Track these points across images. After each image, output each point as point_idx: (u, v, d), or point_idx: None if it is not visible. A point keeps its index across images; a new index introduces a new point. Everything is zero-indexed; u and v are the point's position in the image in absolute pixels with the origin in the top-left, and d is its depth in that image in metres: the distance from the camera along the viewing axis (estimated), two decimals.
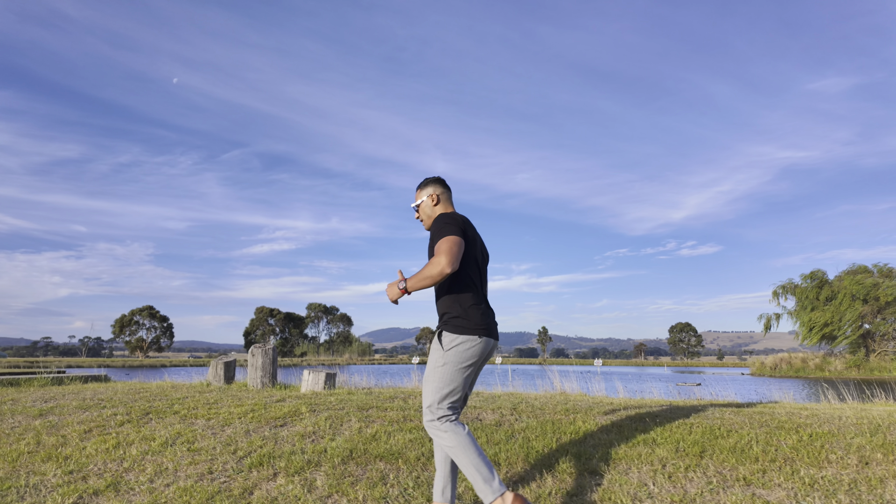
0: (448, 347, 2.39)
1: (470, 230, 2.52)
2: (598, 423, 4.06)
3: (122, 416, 4.59)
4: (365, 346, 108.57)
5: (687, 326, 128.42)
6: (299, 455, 3.47)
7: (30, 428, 4.35)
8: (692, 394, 8.04)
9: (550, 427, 3.94)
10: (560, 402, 5.20)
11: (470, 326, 2.39)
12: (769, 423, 3.96)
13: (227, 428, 4.16)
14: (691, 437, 3.61)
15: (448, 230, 2.38)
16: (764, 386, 24.31)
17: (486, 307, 2.51)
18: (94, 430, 4.23)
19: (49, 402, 5.26)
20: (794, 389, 17.86)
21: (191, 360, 68.87)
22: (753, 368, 49.22)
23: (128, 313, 78.11)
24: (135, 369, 51.33)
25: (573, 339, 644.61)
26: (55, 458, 3.61)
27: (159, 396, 5.54)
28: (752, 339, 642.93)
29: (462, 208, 2.85)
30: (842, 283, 44.06)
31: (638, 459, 3.25)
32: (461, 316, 2.40)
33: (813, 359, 44.30)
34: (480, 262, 2.55)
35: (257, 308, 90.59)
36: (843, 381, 33.67)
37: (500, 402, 5.14)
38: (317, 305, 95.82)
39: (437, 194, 2.66)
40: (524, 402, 5.22)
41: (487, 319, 2.45)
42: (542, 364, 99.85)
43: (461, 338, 2.38)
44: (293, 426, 4.18)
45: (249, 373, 6.48)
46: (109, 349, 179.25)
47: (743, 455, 3.25)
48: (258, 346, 6.51)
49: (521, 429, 3.93)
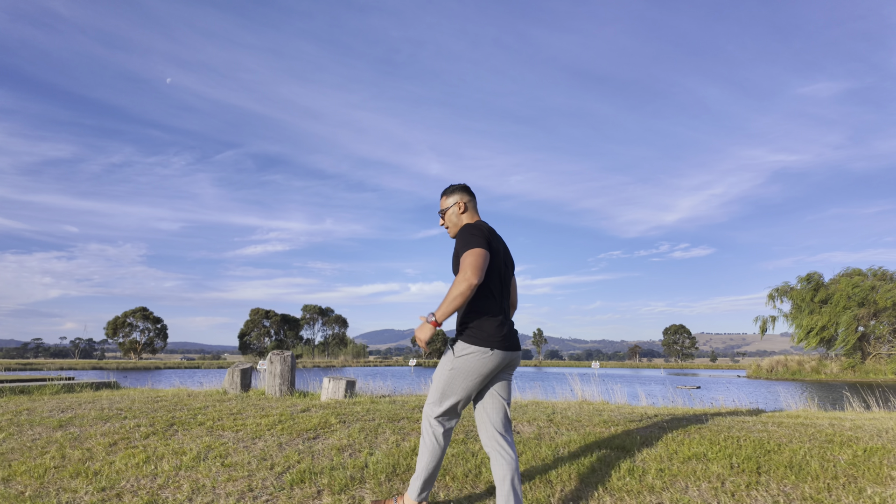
0: (458, 355, 2.42)
1: (494, 241, 2.52)
2: (641, 436, 3.97)
3: (146, 428, 4.45)
4: (359, 347, 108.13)
5: (681, 328, 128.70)
6: (340, 471, 3.35)
7: (52, 440, 4.20)
8: (689, 397, 7.97)
9: (594, 441, 3.84)
10: (592, 412, 5.11)
11: (482, 337, 2.40)
12: (817, 437, 3.88)
13: (258, 441, 4.04)
14: (742, 451, 3.52)
15: (473, 242, 2.38)
16: (765, 389, 24.31)
17: (504, 318, 2.50)
18: (119, 442, 4.09)
19: (67, 412, 5.11)
20: (801, 394, 17.83)
21: (185, 363, 68.37)
22: (749, 371, 49.36)
23: (121, 315, 77.43)
24: (129, 371, 50.84)
25: (567, 341, 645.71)
26: (84, 474, 3.47)
27: (179, 406, 5.40)
28: (744, 341, 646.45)
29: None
30: (838, 285, 44.28)
31: (693, 476, 3.15)
32: (475, 326, 2.42)
33: (809, 361, 44.48)
34: (503, 272, 2.55)
35: (252, 310, 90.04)
36: (841, 383, 33.80)
37: (533, 413, 5.03)
38: (312, 307, 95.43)
39: (465, 202, 2.67)
40: (556, 412, 5.11)
41: (503, 331, 2.45)
42: (537, 366, 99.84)
43: (472, 348, 2.40)
44: (326, 439, 4.05)
45: (267, 380, 6.35)
46: (101, 350, 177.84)
47: (802, 472, 3.16)
48: (276, 353, 6.38)
49: (564, 443, 3.82)
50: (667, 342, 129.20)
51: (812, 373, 42.82)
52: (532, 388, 8.39)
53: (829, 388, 26.73)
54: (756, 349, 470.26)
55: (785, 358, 46.54)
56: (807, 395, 7.82)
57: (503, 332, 2.44)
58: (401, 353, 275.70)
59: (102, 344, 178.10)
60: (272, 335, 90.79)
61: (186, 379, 36.20)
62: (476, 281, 2.29)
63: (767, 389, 24.89)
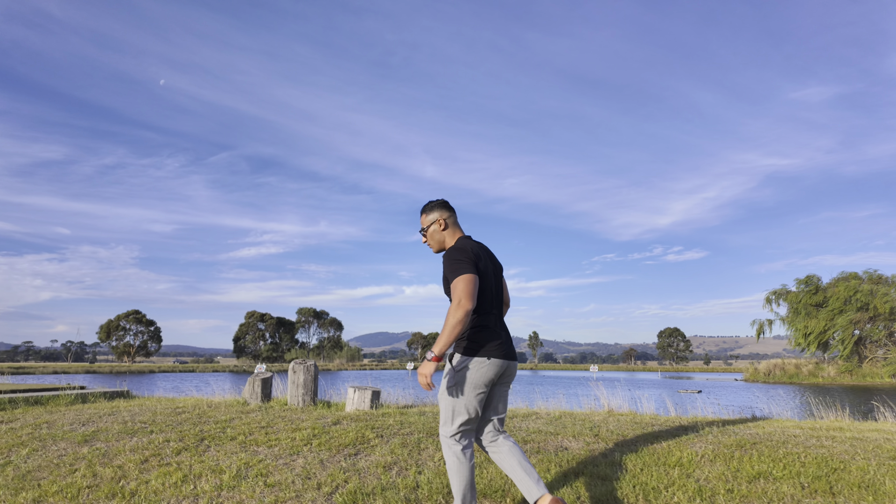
0: (458, 368, 2.45)
1: (482, 259, 2.54)
2: (694, 451, 3.84)
3: (176, 443, 4.28)
4: (354, 350, 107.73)
5: (675, 331, 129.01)
6: (393, 492, 3.20)
7: (79, 457, 4.02)
8: (714, 404, 7.86)
9: (651, 458, 3.70)
10: (632, 424, 4.97)
11: (477, 349, 2.44)
12: (878, 452, 3.77)
13: (297, 457, 3.88)
14: (808, 470, 3.39)
15: (461, 268, 2.41)
16: (769, 394, 24.29)
17: (498, 328, 2.54)
18: (150, 459, 3.92)
19: (88, 426, 4.92)
20: (811, 399, 17.79)
21: (179, 367, 67.82)
22: (747, 374, 49.44)
23: (114, 318, 76.77)
24: (123, 375, 50.35)
25: (561, 344, 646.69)
26: (120, 495, 3.30)
27: (203, 418, 5.23)
28: (737, 344, 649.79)
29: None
30: (835, 289, 44.45)
31: (765, 498, 3.02)
32: (469, 339, 2.46)
33: (806, 365, 44.59)
34: (493, 284, 2.58)
35: (248, 313, 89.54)
36: (838, 387, 33.90)
37: (573, 427, 4.89)
38: (307, 310, 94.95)
39: (444, 219, 2.69)
40: (596, 425, 4.98)
41: (500, 341, 2.50)
42: (533, 369, 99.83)
43: (468, 359, 2.44)
44: (368, 455, 3.90)
45: (290, 390, 6.18)
46: (93, 354, 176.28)
47: (878, 492, 3.04)
48: (299, 361, 6.21)
49: (618, 461, 3.69)
50: (661, 345, 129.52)
51: (809, 376, 42.92)
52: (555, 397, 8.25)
53: (830, 392, 26.76)
54: (749, 352, 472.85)
55: (782, 361, 46.64)
56: (835, 402, 7.72)
57: (498, 341, 2.49)
58: (395, 355, 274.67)
59: (94, 347, 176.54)
60: (267, 338, 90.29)
61: (182, 383, 35.58)
62: (471, 306, 2.33)
63: (771, 394, 24.88)
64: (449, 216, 2.70)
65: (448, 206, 2.73)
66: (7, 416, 5.29)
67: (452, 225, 2.70)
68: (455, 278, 2.39)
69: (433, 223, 2.68)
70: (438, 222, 2.68)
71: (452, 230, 2.69)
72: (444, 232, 2.68)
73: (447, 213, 2.70)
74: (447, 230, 2.68)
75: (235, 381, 37.87)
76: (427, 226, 2.70)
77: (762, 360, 50.45)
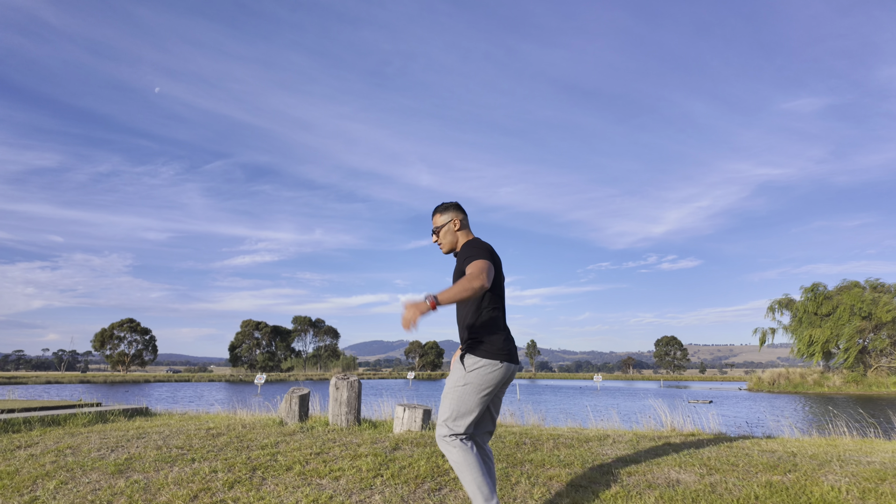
0: (470, 369, 2.44)
1: (496, 257, 2.57)
2: (835, 488, 3.34)
3: (225, 474, 3.75)
4: (349, 359, 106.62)
5: (673, 340, 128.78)
6: None
7: (116, 491, 3.48)
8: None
9: (787, 496, 3.21)
10: (730, 449, 4.48)
11: (493, 351, 2.45)
12: None
13: (373, 493, 3.36)
14: None
15: (479, 254, 2.44)
16: (786, 406, 23.82)
17: (509, 333, 2.57)
18: (201, 495, 3.39)
19: (118, 451, 4.38)
20: (847, 411, 17.29)
21: (175, 376, 66.79)
22: (751, 384, 49.05)
23: (108, 327, 75.62)
24: (118, 385, 49.33)
25: (556, 352, 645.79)
26: None
27: (244, 442, 4.69)
28: (731, 353, 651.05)
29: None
30: (839, 297, 44.21)
31: None
32: (486, 341, 2.46)
33: (811, 374, 44.26)
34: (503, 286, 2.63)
35: (243, 321, 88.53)
36: (844, 397, 33.51)
37: (676, 456, 4.39)
38: (303, 318, 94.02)
39: (459, 220, 2.71)
40: (696, 452, 4.48)
41: (510, 345, 2.53)
42: (532, 378, 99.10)
43: (483, 361, 2.44)
44: (456, 491, 3.38)
45: (332, 408, 5.65)
46: (84, 363, 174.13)
47: None
48: (342, 377, 5.69)
49: (746, 497, 3.19)
50: (658, 354, 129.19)
51: (815, 386, 42.58)
52: (606, 414, 7.73)
53: (843, 402, 26.35)
54: (744, 360, 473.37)
55: (786, 371, 46.30)
56: (878, 416, 7.25)
57: (510, 346, 2.52)
58: (390, 364, 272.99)
59: (86, 356, 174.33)
60: (263, 347, 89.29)
61: (178, 392, 34.81)
62: (487, 285, 2.30)
63: (787, 405, 24.46)
64: (463, 218, 2.73)
65: (462, 208, 2.75)
66: (25, 440, 4.74)
67: (466, 227, 2.72)
68: (472, 261, 2.39)
69: (448, 223, 2.69)
70: (454, 222, 2.69)
71: (465, 232, 2.71)
72: (458, 232, 2.69)
73: (462, 214, 2.73)
74: (460, 231, 2.70)
75: (234, 391, 37.08)
76: (441, 225, 2.70)
77: (765, 369, 50.06)
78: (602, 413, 7.03)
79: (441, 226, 2.70)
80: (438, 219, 2.73)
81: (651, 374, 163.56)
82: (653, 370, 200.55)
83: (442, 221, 2.71)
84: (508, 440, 4.89)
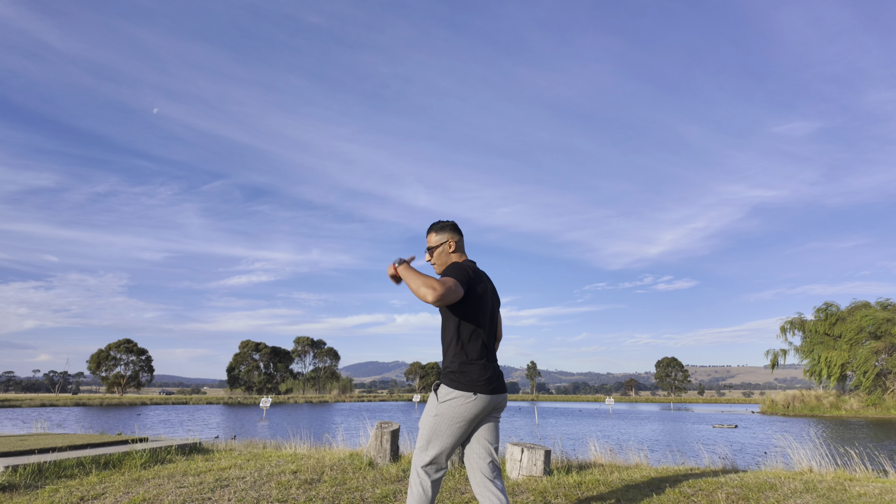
0: (442, 400, 2.36)
1: (480, 283, 2.44)
2: None
3: None
4: (346, 381, 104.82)
5: (673, 361, 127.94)
6: None
7: None
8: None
9: None
10: None
11: (465, 382, 2.33)
12: None
13: None
14: None
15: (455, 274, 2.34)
16: (825, 431, 22.93)
17: (488, 362, 2.41)
18: None
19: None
20: (869, 438, 16.44)
21: (172, 399, 65.22)
22: (764, 406, 48.16)
23: (104, 348, 74.02)
24: (114, 408, 47.83)
25: (553, 373, 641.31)
26: None
27: (346, 488, 3.90)
28: (728, 374, 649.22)
29: None
30: (853, 318, 43.62)
31: None
32: (458, 371, 2.36)
33: (827, 396, 43.44)
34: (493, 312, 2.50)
35: (242, 342, 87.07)
36: (862, 421, 32.66)
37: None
38: (304, 339, 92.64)
39: (455, 241, 2.59)
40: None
41: (487, 375, 2.37)
42: (534, 400, 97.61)
43: (455, 393, 2.33)
44: None
45: None
46: (76, 384, 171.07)
47: None
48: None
49: None
50: (660, 375, 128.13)
51: (831, 409, 41.72)
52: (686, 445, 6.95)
53: (867, 427, 25.54)
54: (741, 381, 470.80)
55: (801, 393, 45.47)
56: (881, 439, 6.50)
57: (487, 376, 2.36)
58: (385, 385, 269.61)
59: (78, 377, 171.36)
60: (261, 369, 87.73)
61: (174, 415, 33.56)
62: (431, 300, 2.16)
63: (816, 430, 23.61)
64: (459, 239, 2.61)
65: (458, 229, 2.64)
66: (86, 489, 3.93)
67: (460, 248, 2.60)
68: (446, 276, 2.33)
69: (444, 243, 2.57)
70: (449, 243, 2.58)
71: (459, 254, 2.60)
72: (452, 254, 2.58)
73: (458, 235, 2.61)
74: (455, 252, 2.58)
75: (237, 416, 35.79)
76: (436, 245, 2.57)
77: (777, 391, 49.18)
78: (680, 443, 6.30)
79: (436, 246, 2.58)
80: (433, 238, 2.60)
81: (649, 395, 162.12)
82: (650, 392, 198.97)
83: (437, 241, 2.58)
84: (670, 493, 4.10)
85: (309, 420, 29.66)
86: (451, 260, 2.59)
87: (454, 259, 2.59)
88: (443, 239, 2.59)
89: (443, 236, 2.59)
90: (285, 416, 34.97)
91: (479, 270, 2.52)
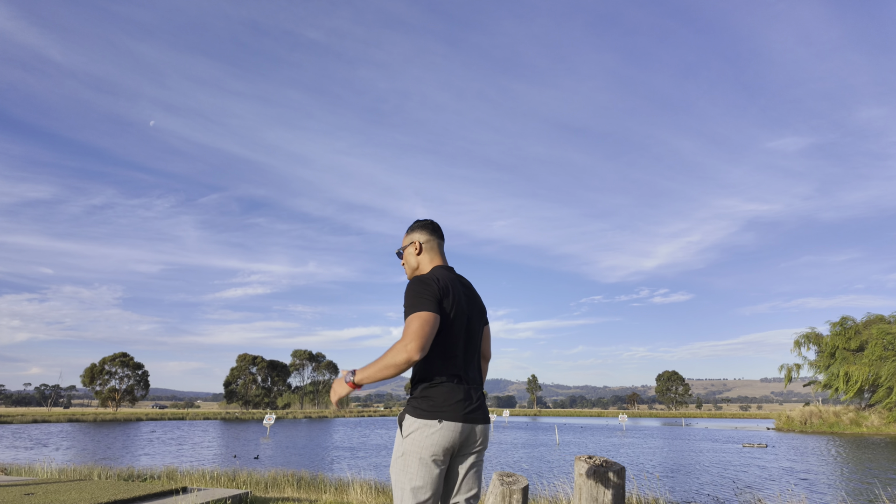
0: (406, 434, 1.86)
1: (453, 293, 1.96)
2: None
3: None
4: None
5: (674, 375, 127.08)
6: None
7: None
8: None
9: None
10: None
11: (428, 408, 1.84)
12: None
13: None
14: None
15: (420, 304, 1.85)
16: (852, 453, 21.69)
17: (463, 383, 1.90)
18: None
19: None
20: None
21: (168, 414, 63.46)
22: (779, 422, 46.96)
23: (98, 362, 72.22)
24: (108, 424, 46.11)
25: (550, 387, 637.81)
26: None
27: None
28: (724, 387, 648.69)
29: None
30: (869, 332, 42.71)
31: None
32: (420, 396, 1.88)
33: (846, 413, 42.29)
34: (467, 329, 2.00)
35: (239, 356, 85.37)
36: (884, 438, 31.54)
37: None
38: (302, 352, 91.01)
39: (421, 242, 2.17)
40: None
41: (456, 398, 1.86)
42: (535, 416, 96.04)
43: (418, 423, 1.83)
44: None
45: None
46: (67, 398, 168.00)
47: None
48: (600, 466, 3.73)
49: None
50: (660, 388, 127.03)
51: (851, 425, 40.55)
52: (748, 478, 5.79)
53: (890, 445, 24.38)
54: (738, 395, 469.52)
55: (819, 409, 44.34)
56: None
57: (457, 399, 1.86)
58: (380, 399, 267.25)
59: (69, 390, 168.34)
60: (259, 383, 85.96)
61: (171, 431, 32.19)
62: (419, 356, 1.74)
63: (851, 451, 22.41)
64: (428, 240, 2.17)
65: (430, 229, 2.20)
66: None
67: (430, 251, 2.16)
68: (410, 314, 1.85)
69: (409, 245, 2.19)
70: (414, 245, 2.17)
71: (430, 256, 2.16)
72: (419, 257, 2.16)
73: (426, 236, 2.18)
74: (422, 255, 2.15)
75: (235, 432, 34.33)
76: (402, 247, 2.23)
77: (798, 407, 48.01)
78: (746, 475, 5.18)
79: (403, 248, 2.24)
80: (404, 239, 2.28)
81: (646, 409, 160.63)
82: (647, 405, 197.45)
83: (404, 243, 2.25)
84: None
85: (317, 438, 28.24)
86: (419, 265, 2.18)
87: (423, 264, 2.17)
88: (408, 241, 2.23)
89: (409, 237, 2.23)
90: (287, 433, 33.46)
91: (451, 279, 2.04)
